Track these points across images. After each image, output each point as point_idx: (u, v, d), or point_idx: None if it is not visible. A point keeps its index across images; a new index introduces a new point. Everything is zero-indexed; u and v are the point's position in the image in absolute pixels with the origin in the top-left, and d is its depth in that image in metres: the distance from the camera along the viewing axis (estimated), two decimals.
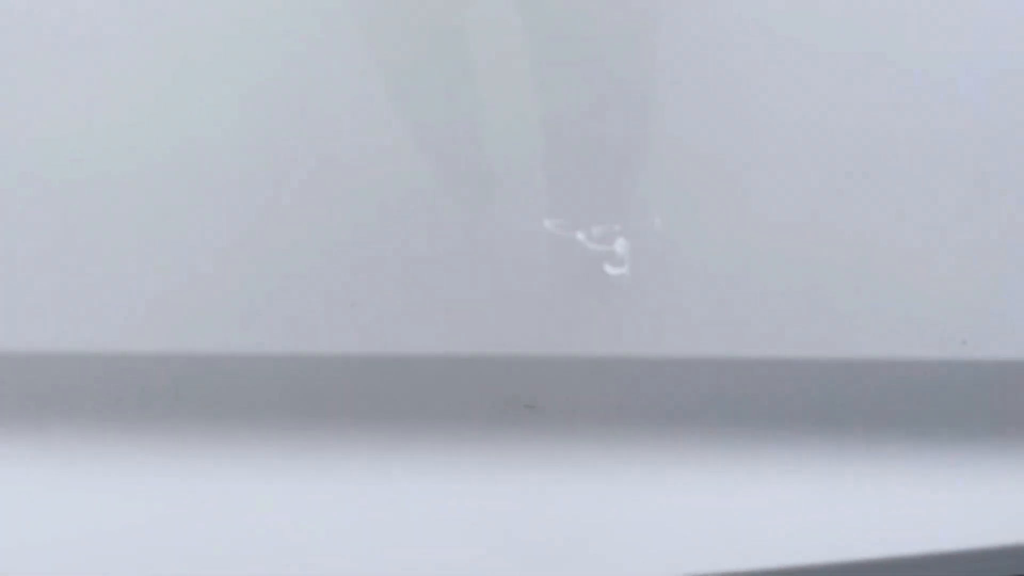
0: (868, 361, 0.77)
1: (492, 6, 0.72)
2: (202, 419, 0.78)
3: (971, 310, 0.76)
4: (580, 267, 0.75)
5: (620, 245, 0.74)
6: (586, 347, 0.77)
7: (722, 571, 0.77)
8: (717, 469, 0.80)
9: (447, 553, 0.77)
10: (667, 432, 0.81)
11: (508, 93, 0.73)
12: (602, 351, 0.77)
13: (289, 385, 0.77)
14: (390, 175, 0.73)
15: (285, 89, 0.72)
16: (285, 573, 0.75)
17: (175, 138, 0.72)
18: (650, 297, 0.76)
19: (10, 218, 0.72)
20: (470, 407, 0.80)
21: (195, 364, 0.75)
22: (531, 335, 0.76)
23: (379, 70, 0.72)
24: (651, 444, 0.81)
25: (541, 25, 0.73)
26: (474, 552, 0.77)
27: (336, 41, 0.72)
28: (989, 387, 0.78)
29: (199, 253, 0.73)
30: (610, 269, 0.74)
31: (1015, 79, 0.74)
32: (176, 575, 0.75)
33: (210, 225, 0.73)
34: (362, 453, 0.79)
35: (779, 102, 0.73)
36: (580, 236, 0.74)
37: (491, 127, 0.74)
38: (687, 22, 0.73)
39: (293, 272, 0.73)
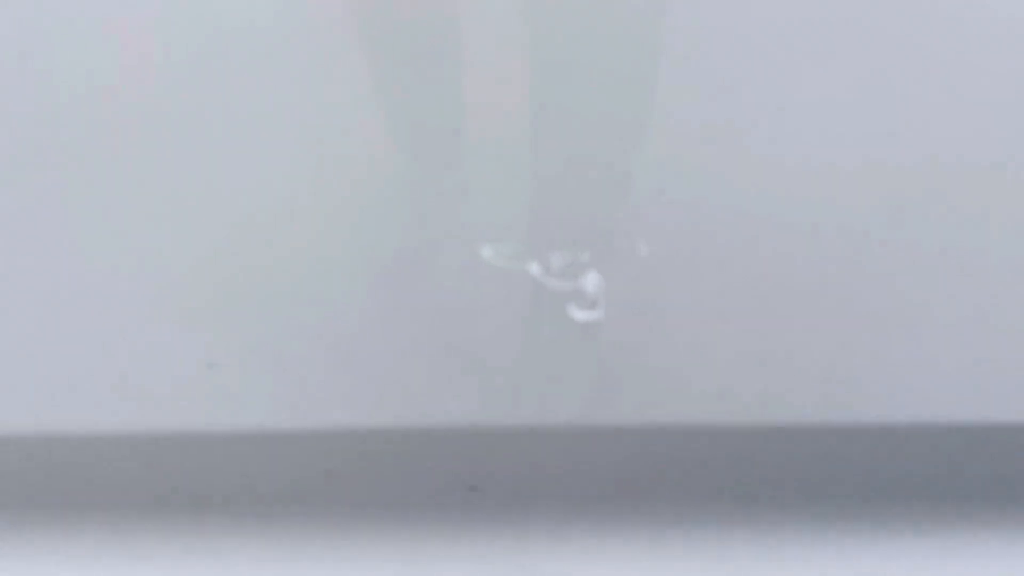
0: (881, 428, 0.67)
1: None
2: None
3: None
4: (536, 310, 0.64)
5: (591, 281, 0.63)
6: (542, 416, 0.66)
7: None
8: (691, 555, 0.72)
9: None
10: (637, 518, 0.72)
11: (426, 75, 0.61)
12: (563, 420, 0.66)
13: (194, 469, 0.71)
14: (291, 197, 0.63)
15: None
16: None
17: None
18: (630, 349, 0.64)
19: None
20: (401, 491, 0.71)
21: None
22: (472, 402, 0.66)
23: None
24: (618, 532, 0.73)
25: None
26: None
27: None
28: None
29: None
30: (577, 313, 0.64)
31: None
32: None
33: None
34: (275, 549, 0.72)
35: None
36: (535, 269, 0.63)
37: (411, 118, 0.62)
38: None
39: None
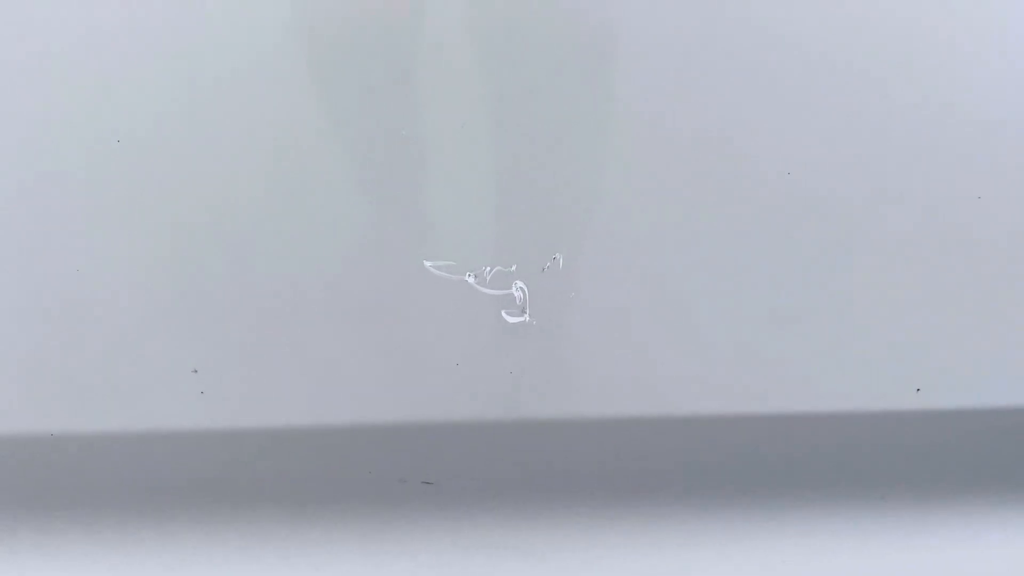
0: (794, 416, 0.71)
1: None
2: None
3: (925, 359, 0.70)
4: (473, 315, 0.67)
5: (518, 291, 0.67)
6: (484, 411, 0.69)
7: None
8: (630, 543, 0.75)
9: None
10: (573, 504, 0.75)
11: (380, 118, 0.66)
12: (502, 415, 0.69)
13: (177, 465, 0.72)
14: (261, 223, 0.67)
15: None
16: None
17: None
18: (555, 348, 0.68)
19: None
20: (361, 484, 0.73)
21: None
22: (422, 400, 0.69)
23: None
24: (554, 518, 0.75)
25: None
26: None
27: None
28: (944, 436, 0.73)
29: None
30: (508, 317, 0.67)
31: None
32: None
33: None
34: (253, 537, 0.74)
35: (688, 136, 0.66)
36: (470, 279, 0.67)
37: (362, 154, 0.67)
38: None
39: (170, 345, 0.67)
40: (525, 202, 0.65)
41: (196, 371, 0.65)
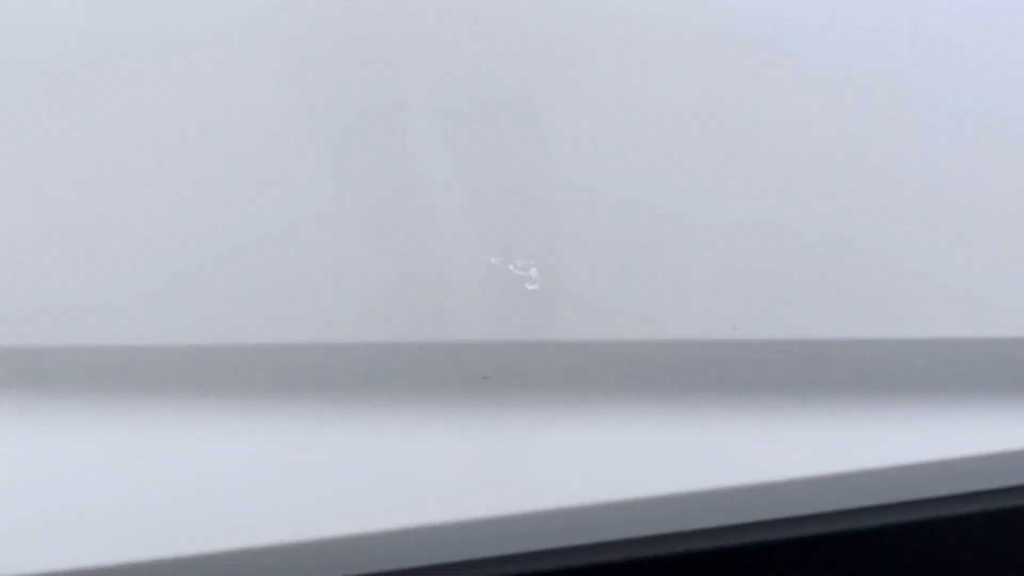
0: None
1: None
2: (210, 398, 0.92)
3: (741, 297, 0.94)
4: (511, 285, 0.96)
5: (533, 272, 0.96)
6: (519, 335, 0.98)
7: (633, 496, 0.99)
8: (606, 417, 1.02)
9: (425, 491, 0.96)
10: (576, 394, 1.02)
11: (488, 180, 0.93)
12: (528, 337, 0.99)
13: (298, 368, 0.92)
14: (379, 218, 0.91)
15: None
16: (293, 515, 0.90)
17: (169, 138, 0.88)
18: (554, 302, 0.99)
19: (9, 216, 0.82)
20: (442, 379, 0.96)
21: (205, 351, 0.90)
22: (484, 326, 0.98)
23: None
24: (569, 403, 1.01)
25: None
26: (448, 489, 0.97)
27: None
28: (760, 367, 0.98)
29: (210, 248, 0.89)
30: (529, 286, 0.96)
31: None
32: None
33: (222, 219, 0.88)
34: (357, 419, 0.95)
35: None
36: (511, 267, 0.95)
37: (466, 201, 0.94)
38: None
39: (303, 274, 0.90)
40: (538, 226, 0.96)
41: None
